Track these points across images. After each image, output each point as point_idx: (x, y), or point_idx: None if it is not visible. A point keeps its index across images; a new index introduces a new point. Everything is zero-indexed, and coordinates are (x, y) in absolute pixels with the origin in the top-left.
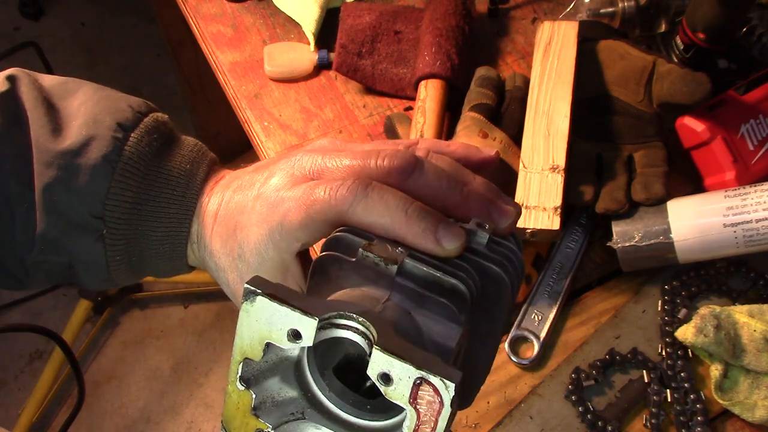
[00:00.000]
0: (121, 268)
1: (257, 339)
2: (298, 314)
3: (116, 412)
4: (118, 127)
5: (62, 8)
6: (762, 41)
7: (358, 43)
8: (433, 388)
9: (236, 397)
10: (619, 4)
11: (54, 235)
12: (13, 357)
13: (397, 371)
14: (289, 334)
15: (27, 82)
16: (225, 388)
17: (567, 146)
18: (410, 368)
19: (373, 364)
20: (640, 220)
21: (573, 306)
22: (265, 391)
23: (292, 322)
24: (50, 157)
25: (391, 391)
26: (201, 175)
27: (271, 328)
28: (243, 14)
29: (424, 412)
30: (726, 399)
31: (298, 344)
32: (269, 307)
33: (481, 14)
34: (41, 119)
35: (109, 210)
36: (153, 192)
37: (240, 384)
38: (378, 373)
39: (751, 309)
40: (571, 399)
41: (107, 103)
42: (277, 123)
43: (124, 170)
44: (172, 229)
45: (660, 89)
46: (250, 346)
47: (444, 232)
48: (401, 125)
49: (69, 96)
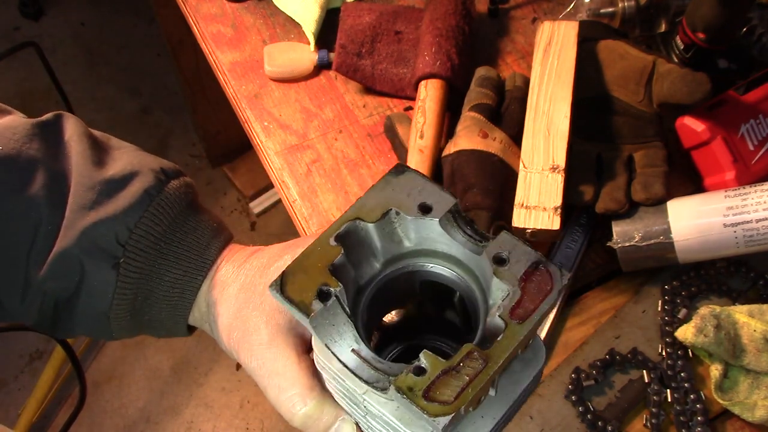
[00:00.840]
0: (124, 304)
1: (382, 205)
2: (442, 192)
3: (116, 412)
4: (161, 171)
5: (62, 8)
6: (762, 41)
7: (358, 44)
8: (549, 273)
9: (320, 250)
10: (619, 4)
11: (74, 252)
12: (13, 357)
13: (518, 253)
14: (420, 207)
15: (74, 120)
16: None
17: (567, 146)
18: (533, 252)
19: (495, 245)
20: (640, 220)
21: (573, 306)
22: (351, 256)
23: (430, 197)
24: (92, 183)
25: (504, 270)
26: (225, 237)
27: (404, 199)
28: (243, 14)
29: (527, 295)
30: (726, 399)
31: (426, 218)
32: (415, 181)
33: (481, 14)
34: (86, 151)
35: (134, 239)
36: (179, 234)
37: (334, 240)
38: (495, 254)
39: (751, 309)
40: (571, 399)
41: (152, 157)
42: (277, 123)
43: (159, 205)
44: (187, 275)
45: (660, 89)
46: (369, 209)
47: None
48: (401, 125)
49: (113, 144)
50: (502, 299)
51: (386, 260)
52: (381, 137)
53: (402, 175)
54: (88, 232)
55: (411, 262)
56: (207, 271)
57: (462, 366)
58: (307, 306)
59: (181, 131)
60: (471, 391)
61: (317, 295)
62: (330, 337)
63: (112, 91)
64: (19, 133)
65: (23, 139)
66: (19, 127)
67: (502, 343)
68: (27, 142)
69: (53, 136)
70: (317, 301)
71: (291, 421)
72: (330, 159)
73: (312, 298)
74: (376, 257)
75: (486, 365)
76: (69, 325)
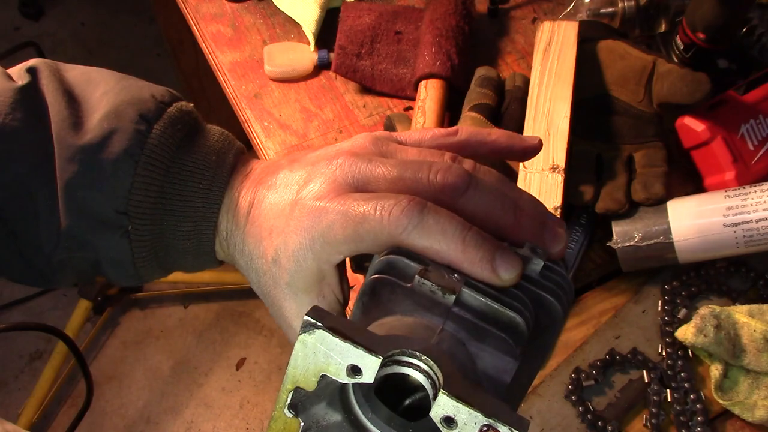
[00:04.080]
0: (147, 264)
1: (312, 371)
2: (362, 351)
3: (116, 412)
4: (140, 119)
5: (62, 8)
6: (762, 41)
7: (358, 44)
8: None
9: (282, 422)
10: (619, 4)
11: (78, 232)
12: (13, 357)
13: (464, 417)
14: (348, 369)
15: (48, 74)
16: (271, 413)
17: (567, 146)
18: (478, 415)
19: (438, 408)
20: (640, 220)
21: (573, 306)
22: (311, 416)
23: (353, 359)
24: (72, 153)
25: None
26: (227, 167)
27: (329, 362)
28: (243, 14)
29: None
30: (726, 399)
31: (358, 379)
32: (329, 341)
33: (481, 14)
34: (62, 112)
35: (133, 206)
36: (177, 186)
37: (288, 411)
38: (442, 416)
39: (751, 309)
40: (571, 399)
41: (130, 93)
42: (277, 123)
43: (147, 164)
44: (199, 223)
45: (660, 89)
46: (303, 377)
47: (501, 261)
48: (401, 125)
49: (91, 87)
50: None
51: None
52: None
53: (314, 334)
54: (84, 209)
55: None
56: (218, 216)
57: None
58: None
59: None
60: None
61: None
62: None
63: None
64: (0, 104)
65: (5, 110)
66: (0, 97)
67: None
68: (9, 113)
69: (33, 100)
70: None
71: None
72: None
73: None
74: (332, 400)
75: None
76: (111, 280)
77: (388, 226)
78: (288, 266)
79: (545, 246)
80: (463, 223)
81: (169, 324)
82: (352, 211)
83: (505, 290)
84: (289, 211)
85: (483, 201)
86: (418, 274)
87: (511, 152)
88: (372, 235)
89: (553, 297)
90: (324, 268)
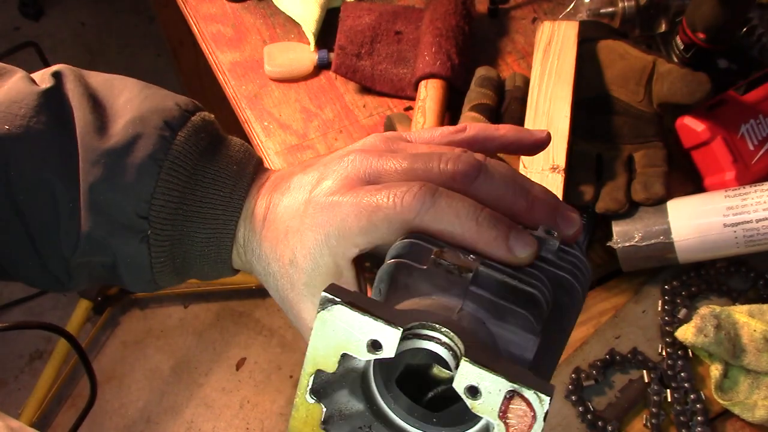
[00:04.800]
0: (165, 270)
1: (333, 349)
2: (381, 324)
3: (116, 412)
4: (165, 126)
5: (62, 8)
6: (762, 41)
7: (357, 44)
8: (526, 402)
9: (304, 410)
10: (619, 4)
11: (99, 234)
12: (13, 357)
13: (488, 384)
14: (369, 344)
15: (73, 78)
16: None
17: (567, 146)
18: (503, 381)
19: (461, 377)
20: (640, 220)
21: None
22: (334, 403)
23: (373, 332)
24: (96, 156)
25: (479, 404)
26: (248, 176)
27: (349, 339)
28: (243, 14)
29: (514, 426)
30: (726, 399)
31: (378, 355)
32: (349, 317)
33: (481, 14)
34: (87, 117)
35: (155, 210)
36: (199, 192)
37: (310, 397)
38: (465, 386)
39: (751, 309)
40: (571, 399)
41: (154, 102)
42: (277, 123)
43: (170, 169)
44: (218, 231)
45: (660, 89)
46: (324, 357)
47: (516, 240)
48: (401, 125)
49: (115, 93)
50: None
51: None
52: None
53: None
54: (106, 212)
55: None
56: (236, 224)
57: None
58: None
59: None
60: None
61: None
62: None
63: None
64: (25, 107)
65: (30, 113)
66: (24, 100)
67: None
68: (34, 116)
69: (58, 104)
70: None
71: None
72: None
73: None
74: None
75: None
76: (124, 286)
77: (401, 212)
78: (305, 265)
79: (559, 229)
80: (476, 204)
81: (169, 324)
82: (365, 202)
83: (522, 269)
84: (303, 211)
85: (494, 187)
86: (434, 254)
87: (519, 147)
88: (386, 224)
89: (570, 276)
90: (341, 264)
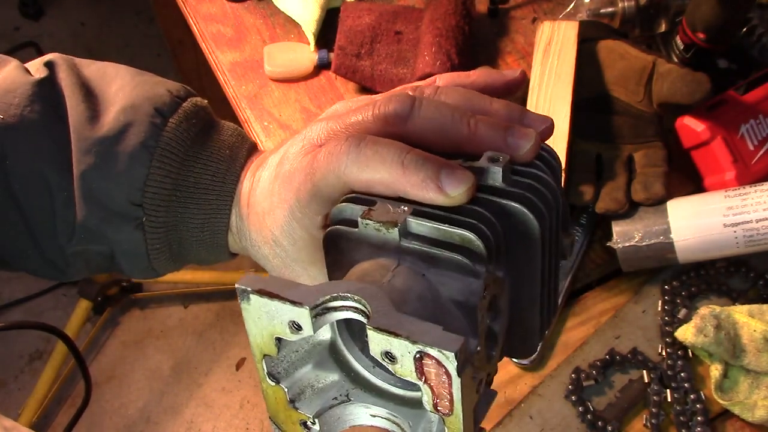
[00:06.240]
0: (161, 256)
1: (266, 335)
2: (289, 306)
3: (116, 412)
4: (156, 113)
5: (62, 8)
6: (762, 41)
7: (357, 45)
8: (435, 360)
9: (272, 393)
10: (619, 4)
11: (93, 223)
12: (13, 357)
13: (396, 348)
14: (290, 326)
15: (66, 68)
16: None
17: (567, 146)
18: (406, 344)
19: (373, 345)
20: (640, 220)
21: (573, 306)
22: (300, 381)
23: (287, 314)
24: (88, 145)
25: (399, 368)
26: (240, 161)
27: (273, 323)
28: (243, 14)
29: (435, 386)
30: (726, 399)
31: (302, 334)
32: (263, 303)
33: (481, 14)
34: (79, 106)
35: (148, 197)
36: (192, 178)
37: (270, 380)
38: (380, 352)
39: (751, 309)
40: (571, 399)
41: (145, 88)
42: (277, 123)
43: (162, 156)
44: (212, 215)
45: (660, 89)
46: (263, 343)
47: (447, 179)
48: None
49: (107, 81)
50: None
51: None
52: None
53: (250, 302)
54: (99, 200)
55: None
56: (230, 207)
57: None
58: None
59: None
60: None
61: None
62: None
63: None
64: (20, 96)
65: (24, 102)
66: (18, 89)
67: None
68: (28, 105)
69: (52, 94)
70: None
71: None
72: None
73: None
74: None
75: None
76: (123, 273)
77: (331, 167)
78: (285, 243)
79: (511, 150)
80: (402, 146)
81: (169, 324)
82: (308, 165)
83: (462, 208)
84: (271, 189)
85: (431, 119)
86: (361, 216)
87: (493, 90)
88: (324, 182)
89: (518, 203)
90: (315, 234)
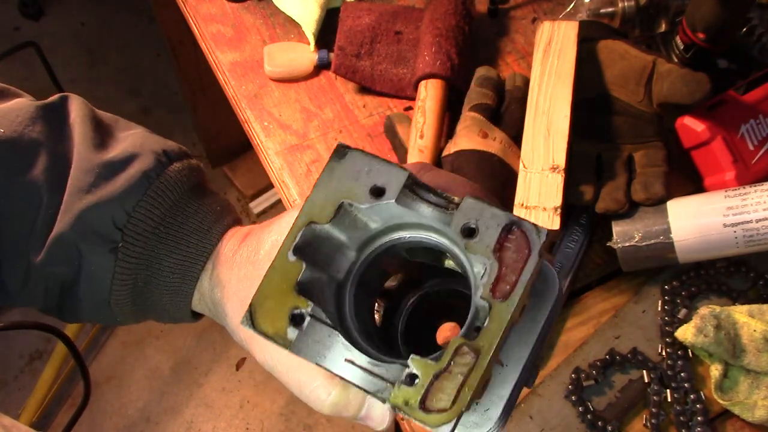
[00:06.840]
0: (123, 290)
1: (332, 199)
2: (391, 167)
3: (116, 412)
4: (163, 153)
5: (62, 8)
6: (762, 41)
7: (357, 45)
8: (524, 235)
9: (280, 271)
10: (619, 4)
11: (70, 237)
12: (13, 357)
13: (487, 218)
14: (371, 191)
15: (80, 102)
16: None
17: (567, 146)
18: (502, 214)
19: (460, 215)
20: (640, 220)
21: (573, 306)
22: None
23: (380, 177)
24: (91, 166)
25: (474, 243)
26: (228, 221)
27: (353, 186)
28: (243, 14)
29: (507, 263)
30: (726, 399)
31: (378, 202)
32: (360, 162)
33: (481, 14)
34: (88, 134)
35: (132, 222)
36: (180, 218)
37: (292, 255)
38: (462, 226)
39: (751, 309)
40: (571, 399)
41: (155, 139)
42: (277, 123)
43: (158, 188)
44: (188, 259)
45: (660, 89)
46: (321, 208)
47: None
48: (401, 125)
49: (120, 126)
50: (481, 276)
51: (359, 246)
52: (381, 137)
53: (345, 158)
54: (84, 215)
55: (386, 238)
56: (207, 257)
57: (453, 365)
58: (283, 335)
59: (181, 131)
60: (468, 391)
61: (290, 321)
62: (319, 355)
63: (112, 91)
64: (23, 115)
65: (26, 121)
66: (24, 109)
67: (490, 328)
68: (30, 124)
69: (57, 118)
70: (292, 327)
71: (321, 410)
72: None
73: (286, 326)
74: (347, 248)
75: (477, 358)
76: (74, 310)
77: None
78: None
79: None
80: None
81: (169, 324)
82: None
83: None
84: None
85: None
86: None
87: None
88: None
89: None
90: None
